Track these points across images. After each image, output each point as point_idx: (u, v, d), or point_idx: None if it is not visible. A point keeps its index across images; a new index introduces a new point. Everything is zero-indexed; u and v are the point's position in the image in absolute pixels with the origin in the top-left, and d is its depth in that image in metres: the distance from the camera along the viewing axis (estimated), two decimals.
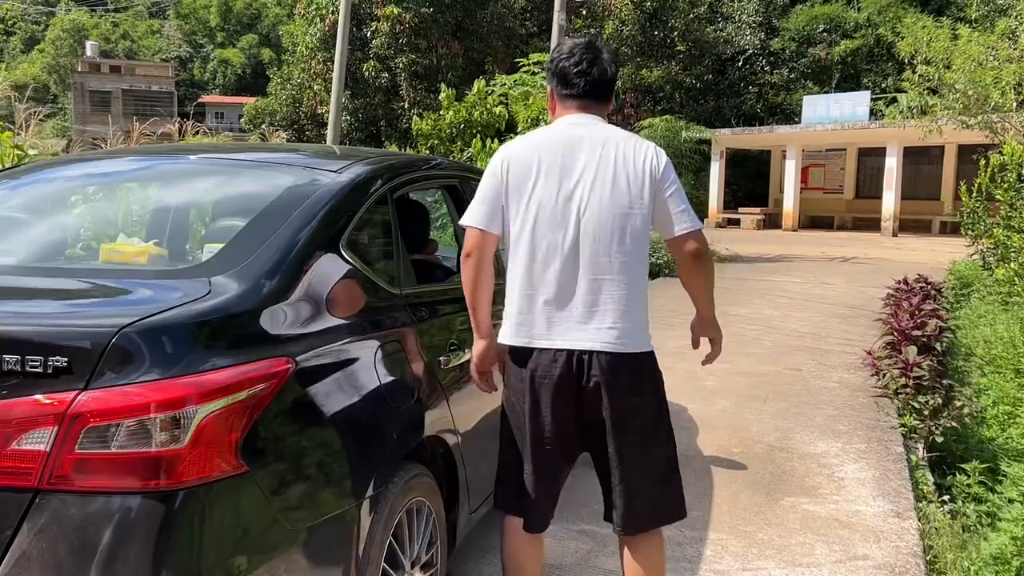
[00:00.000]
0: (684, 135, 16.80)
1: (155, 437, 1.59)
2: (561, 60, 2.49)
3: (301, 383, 1.90)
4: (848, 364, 7.02)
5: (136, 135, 9.81)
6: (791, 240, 21.65)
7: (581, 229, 2.34)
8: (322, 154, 2.99)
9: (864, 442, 4.95)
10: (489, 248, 2.38)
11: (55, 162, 2.93)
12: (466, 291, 2.41)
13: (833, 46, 28.74)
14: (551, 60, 2.54)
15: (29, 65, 69.66)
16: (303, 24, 28.49)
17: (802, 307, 10.36)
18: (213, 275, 1.93)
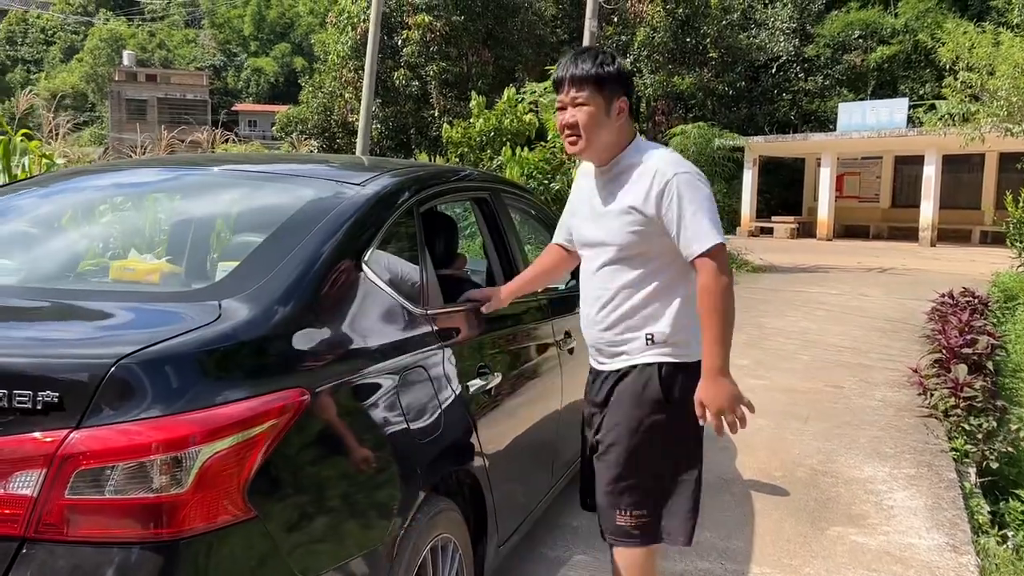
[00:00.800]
0: (716, 142, 16.52)
1: (155, 481, 1.44)
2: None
3: (318, 416, 1.74)
4: (891, 381, 6.75)
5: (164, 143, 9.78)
6: (826, 249, 21.25)
7: None
8: (348, 165, 2.85)
9: (913, 466, 4.70)
10: None
11: (69, 173, 2.81)
12: (725, 320, 2.22)
13: (869, 52, 28.26)
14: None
15: (68, 74, 70.94)
16: (335, 33, 28.60)
17: (840, 320, 10.06)
18: (224, 298, 1.78)
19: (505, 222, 3.19)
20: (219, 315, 1.71)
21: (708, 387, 2.23)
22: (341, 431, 1.82)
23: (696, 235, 2.23)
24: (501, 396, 2.63)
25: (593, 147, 2.36)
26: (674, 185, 2.25)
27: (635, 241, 2.33)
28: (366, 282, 2.08)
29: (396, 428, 1.99)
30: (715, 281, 2.22)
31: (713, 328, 2.22)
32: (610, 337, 2.41)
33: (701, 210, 2.25)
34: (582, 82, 2.31)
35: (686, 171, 2.30)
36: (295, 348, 1.77)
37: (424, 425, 2.11)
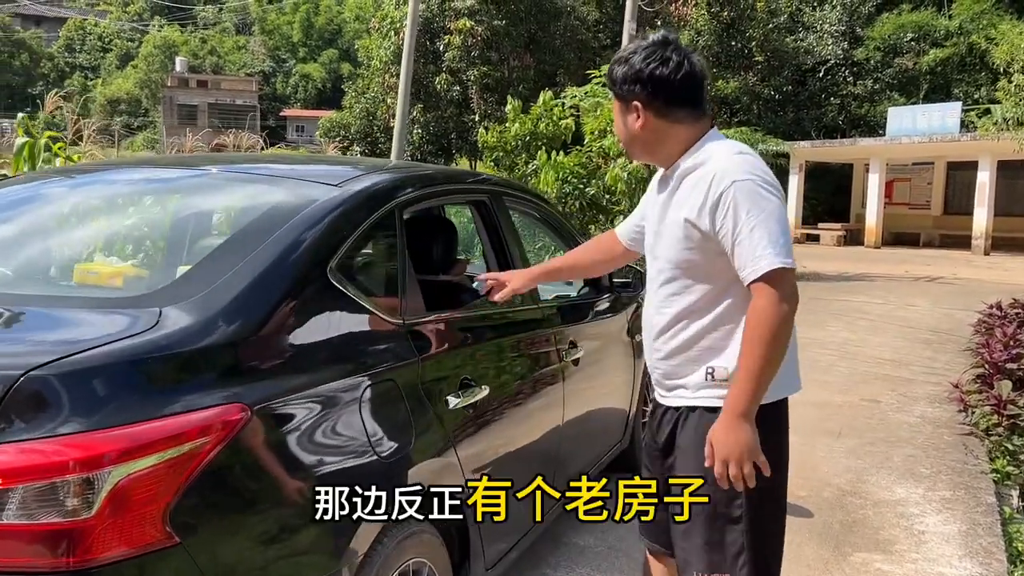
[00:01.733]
0: (760, 148, 16.20)
1: (60, 505, 1.33)
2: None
3: (259, 434, 1.62)
4: (932, 396, 6.44)
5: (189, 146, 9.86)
6: (873, 257, 20.69)
7: None
8: (332, 167, 2.74)
9: (949, 488, 4.44)
10: None
11: (45, 174, 2.74)
12: (769, 356, 1.87)
13: (921, 55, 27.50)
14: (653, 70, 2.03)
15: (123, 80, 72.73)
16: (378, 38, 28.76)
17: (882, 330, 9.71)
18: (167, 304, 1.67)
19: (505, 226, 3.05)
20: (156, 323, 1.60)
21: (724, 430, 1.91)
22: (287, 450, 1.69)
23: (752, 255, 1.88)
24: (488, 411, 2.49)
25: (639, 157, 2.20)
26: (731, 195, 1.91)
27: (692, 260, 2.02)
28: (330, 290, 1.96)
29: (354, 445, 1.86)
30: (772, 310, 1.86)
31: (753, 363, 1.88)
32: (667, 368, 2.13)
33: (761, 225, 1.88)
34: (610, 88, 2.14)
35: (748, 177, 1.93)
36: (236, 360, 1.65)
37: (390, 442, 1.97)
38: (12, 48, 71.46)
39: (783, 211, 1.95)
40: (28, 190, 2.59)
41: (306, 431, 1.74)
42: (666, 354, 2.12)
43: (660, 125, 2.06)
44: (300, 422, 1.73)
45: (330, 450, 1.80)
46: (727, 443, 1.91)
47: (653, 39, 2.06)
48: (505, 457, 2.59)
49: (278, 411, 1.68)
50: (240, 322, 1.70)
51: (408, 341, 2.18)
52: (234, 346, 1.66)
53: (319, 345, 1.88)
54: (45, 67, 73.96)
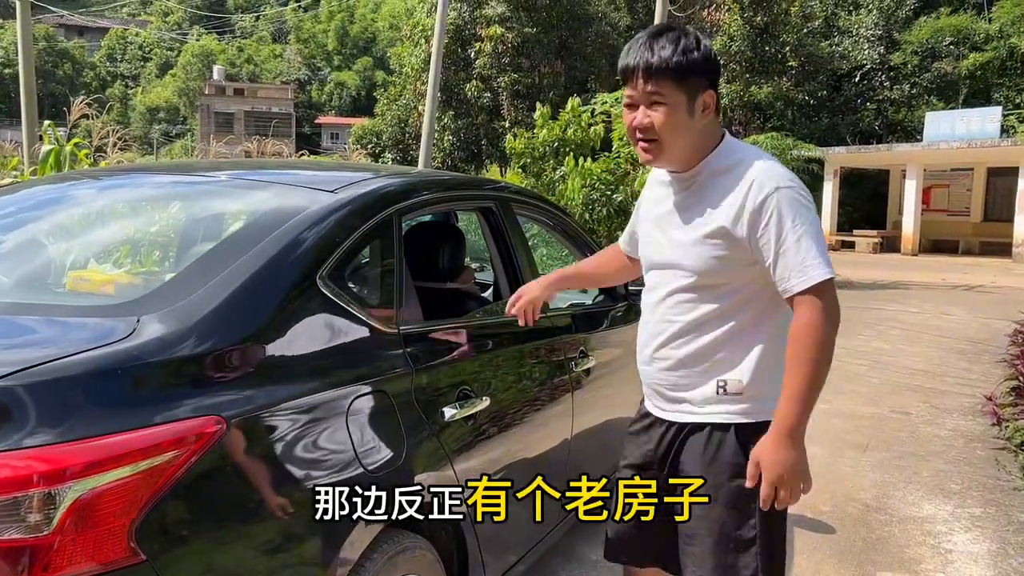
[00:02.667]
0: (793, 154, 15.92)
1: (22, 519, 1.29)
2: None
3: (235, 448, 1.57)
4: (965, 409, 6.25)
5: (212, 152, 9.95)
6: (910, 265, 20.29)
7: None
8: (333, 172, 2.70)
9: (979, 505, 4.28)
10: None
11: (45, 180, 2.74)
12: (818, 374, 1.78)
13: (960, 59, 26.99)
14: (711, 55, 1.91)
15: (162, 89, 74.08)
16: (409, 46, 28.92)
17: (916, 340, 9.49)
18: (146, 313, 1.64)
19: (513, 233, 2.98)
20: (132, 332, 1.56)
21: (774, 449, 1.79)
22: (266, 464, 1.64)
23: (801, 266, 1.78)
24: (488, 423, 2.42)
25: (672, 155, 1.92)
26: (774, 202, 1.80)
27: (719, 269, 1.90)
28: (319, 298, 1.91)
29: (340, 459, 1.80)
30: (821, 324, 1.77)
31: (802, 380, 1.78)
32: (671, 379, 2.01)
33: (808, 235, 1.79)
34: (660, 74, 1.83)
35: (790, 185, 1.83)
36: (214, 371, 1.61)
37: (379, 456, 1.92)
38: (56, 58, 73.10)
39: (820, 222, 1.88)
40: (27, 197, 2.59)
41: (287, 445, 1.70)
42: (673, 364, 2.00)
43: (714, 121, 1.93)
44: (281, 435, 1.68)
45: (313, 464, 1.74)
46: (778, 463, 1.80)
47: (671, 24, 1.94)
48: (507, 471, 2.51)
49: (257, 424, 1.63)
50: (220, 331, 1.65)
51: (402, 350, 2.12)
52: (212, 356, 1.62)
53: (305, 355, 1.83)
54: (87, 76, 75.56)
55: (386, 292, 2.19)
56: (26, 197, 2.57)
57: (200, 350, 1.60)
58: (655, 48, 1.85)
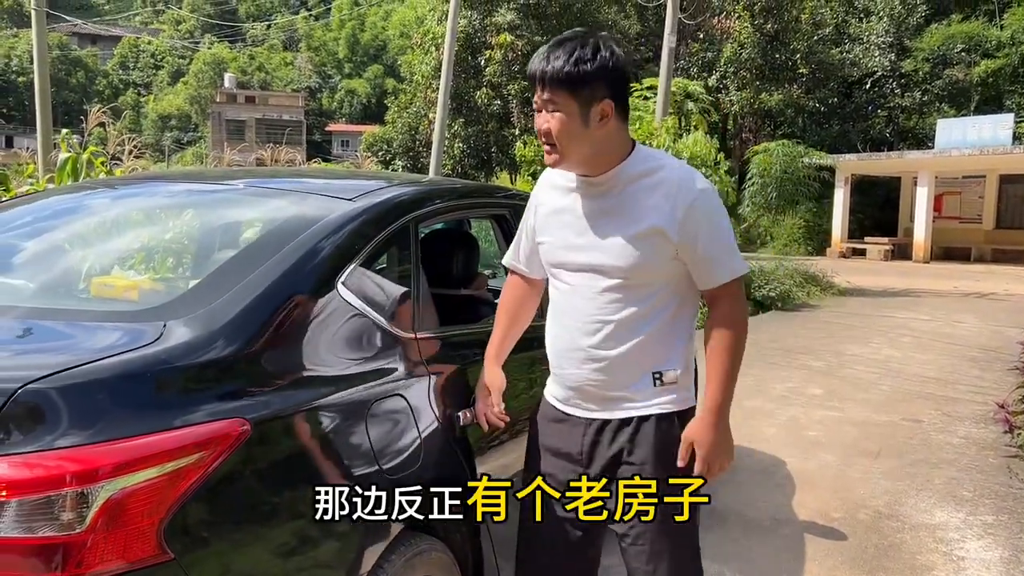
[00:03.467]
0: (804, 161, 15.91)
1: (56, 518, 1.33)
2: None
3: (259, 449, 1.61)
4: (977, 416, 6.24)
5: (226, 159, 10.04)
6: (921, 272, 20.21)
7: None
8: (351, 181, 2.74)
9: (992, 513, 4.28)
10: None
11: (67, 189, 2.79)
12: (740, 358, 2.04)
13: (972, 66, 26.91)
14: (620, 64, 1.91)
15: (174, 96, 74.65)
16: (420, 54, 29.09)
17: (928, 347, 9.46)
18: (172, 318, 1.68)
19: None
20: (159, 336, 1.60)
21: (708, 429, 1.95)
22: (289, 466, 1.68)
23: (722, 261, 1.95)
24: (503, 427, 2.45)
25: (572, 160, 1.94)
26: (701, 202, 1.91)
27: (650, 266, 1.94)
28: (339, 304, 1.95)
29: (360, 462, 1.84)
30: (741, 313, 2.01)
31: (730, 362, 1.97)
32: (605, 379, 2.02)
33: (727, 232, 1.98)
34: (553, 83, 1.86)
35: (708, 186, 1.96)
36: (238, 374, 1.65)
37: (398, 458, 1.95)
38: (69, 66, 73.75)
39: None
40: (48, 205, 2.64)
41: (309, 447, 1.74)
42: (608, 364, 2.00)
43: (620, 127, 1.94)
44: (303, 437, 1.72)
45: (334, 466, 1.78)
46: (711, 442, 1.96)
47: (580, 32, 1.93)
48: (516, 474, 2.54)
49: (280, 426, 1.67)
50: (244, 336, 1.69)
51: (419, 355, 2.16)
52: (237, 360, 1.66)
53: (326, 360, 1.87)
54: (100, 84, 76.21)
55: (403, 298, 2.23)
56: (47, 205, 2.63)
57: (225, 354, 1.64)
58: (551, 58, 1.88)
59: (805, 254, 23.69)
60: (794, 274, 14.25)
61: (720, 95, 27.55)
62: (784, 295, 12.79)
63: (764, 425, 5.87)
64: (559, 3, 26.89)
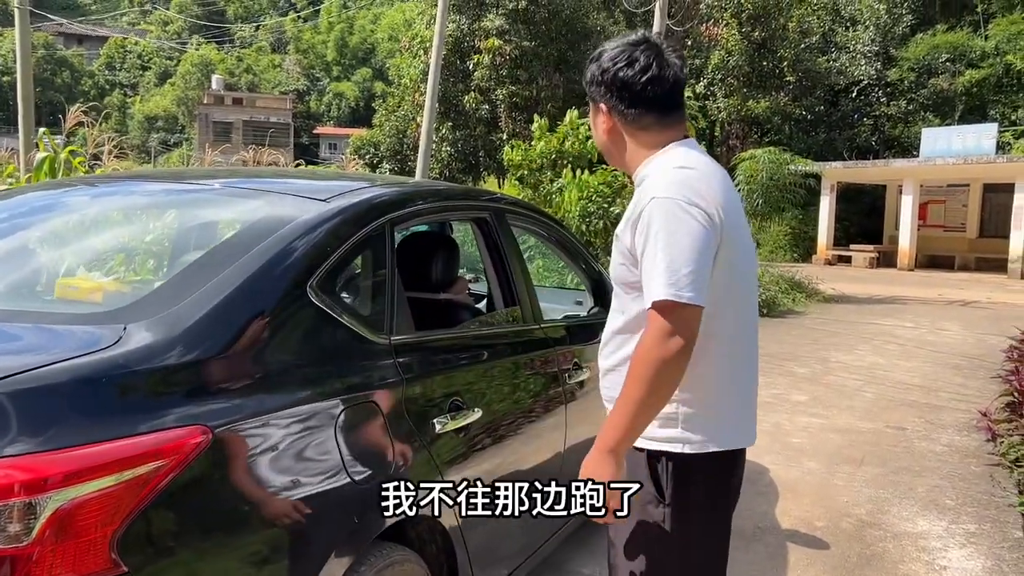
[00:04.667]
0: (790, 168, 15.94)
1: (2, 529, 1.27)
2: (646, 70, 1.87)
3: (221, 458, 1.55)
4: (961, 424, 6.24)
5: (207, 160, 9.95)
6: (906, 280, 20.30)
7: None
8: (326, 182, 2.68)
9: (974, 522, 4.26)
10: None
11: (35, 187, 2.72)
12: (655, 388, 1.68)
13: (957, 76, 27.10)
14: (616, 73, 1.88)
15: (161, 98, 74.16)
16: (408, 57, 29.02)
17: (912, 355, 9.48)
18: (133, 321, 1.62)
19: (507, 244, 2.97)
20: (117, 340, 1.55)
21: (591, 464, 1.76)
22: (252, 475, 1.62)
23: (649, 281, 1.71)
24: (480, 435, 2.40)
25: (613, 163, 2.03)
26: (647, 212, 1.75)
27: (625, 277, 1.87)
28: (309, 308, 1.89)
29: (327, 471, 1.78)
30: (649, 343, 1.68)
31: (627, 396, 1.71)
32: (604, 388, 2.00)
33: (665, 250, 1.69)
34: (591, 91, 1.98)
35: (669, 195, 1.74)
36: (201, 380, 1.59)
37: (367, 468, 1.90)
38: (54, 66, 73.18)
39: (702, 239, 1.71)
40: (19, 204, 2.57)
41: (274, 456, 1.68)
42: (603, 372, 1.99)
43: (627, 130, 1.92)
44: (268, 446, 1.66)
45: (299, 476, 1.72)
46: (598, 478, 1.73)
47: (629, 39, 1.93)
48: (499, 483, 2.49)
49: (243, 434, 1.61)
50: (207, 340, 1.64)
51: (393, 361, 2.11)
52: (199, 365, 1.60)
53: (294, 365, 1.81)
54: (86, 84, 75.65)
55: (377, 302, 2.18)
56: (18, 204, 2.56)
57: (187, 359, 1.59)
58: (588, 65, 1.98)
59: (791, 261, 23.78)
60: (780, 281, 14.27)
61: (708, 102, 27.62)
62: (770, 302, 12.80)
63: None
64: (548, 9, 26.87)
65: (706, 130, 25.92)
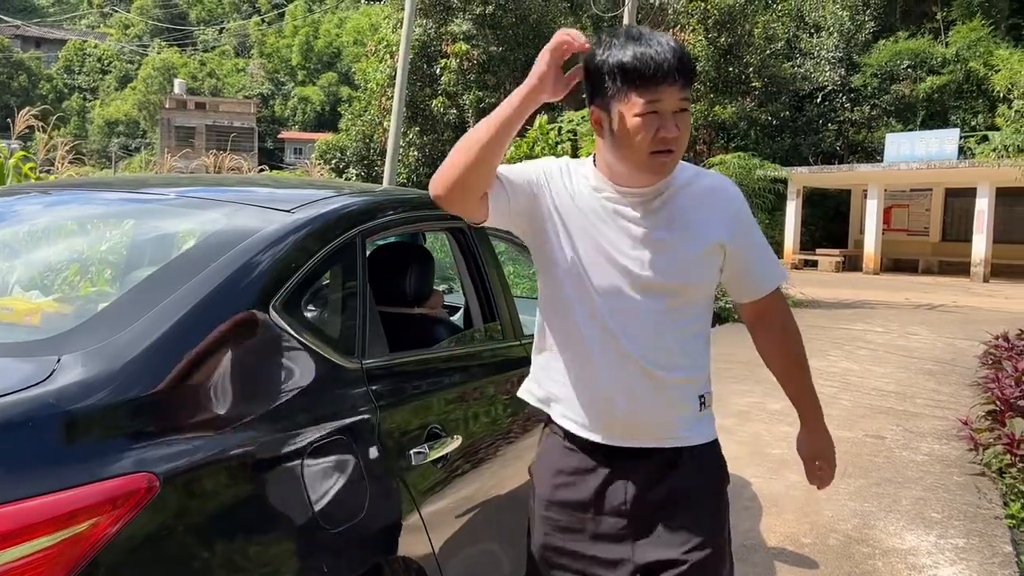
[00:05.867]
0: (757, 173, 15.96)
1: None
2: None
3: (171, 508, 1.36)
4: (939, 432, 6.17)
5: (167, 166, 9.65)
6: (872, 284, 20.47)
7: None
8: (291, 190, 2.47)
9: (963, 535, 4.16)
10: None
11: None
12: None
13: (918, 82, 27.47)
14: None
15: (122, 102, 72.84)
16: (374, 61, 28.74)
17: (884, 360, 9.46)
18: (69, 351, 1.42)
19: (484, 253, 2.79)
20: (49, 374, 1.34)
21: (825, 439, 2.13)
22: (207, 526, 1.42)
23: (771, 266, 1.91)
24: (461, 464, 2.22)
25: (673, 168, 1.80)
26: (745, 209, 1.86)
27: (701, 282, 1.82)
28: (271, 331, 1.70)
29: (294, 516, 1.59)
30: (792, 318, 1.98)
31: (808, 372, 2.04)
32: (659, 406, 1.80)
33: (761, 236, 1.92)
34: (688, 79, 1.65)
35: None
36: (146, 421, 1.39)
37: (339, 510, 1.70)
38: (11, 69, 71.60)
39: None
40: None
41: (233, 502, 1.48)
42: (667, 387, 1.80)
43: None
44: (225, 491, 1.47)
45: (263, 523, 1.53)
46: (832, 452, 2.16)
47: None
48: (482, 518, 2.31)
49: (197, 479, 1.41)
50: (155, 372, 1.44)
51: (365, 387, 1.92)
52: (145, 402, 1.40)
53: (254, 397, 1.62)
54: (44, 88, 74.08)
55: (347, 323, 1.98)
56: None
57: (131, 395, 1.39)
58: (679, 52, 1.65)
59: None
60: None
61: None
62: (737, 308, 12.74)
63: (727, 442, 5.66)
64: (515, 14, 26.78)
65: None
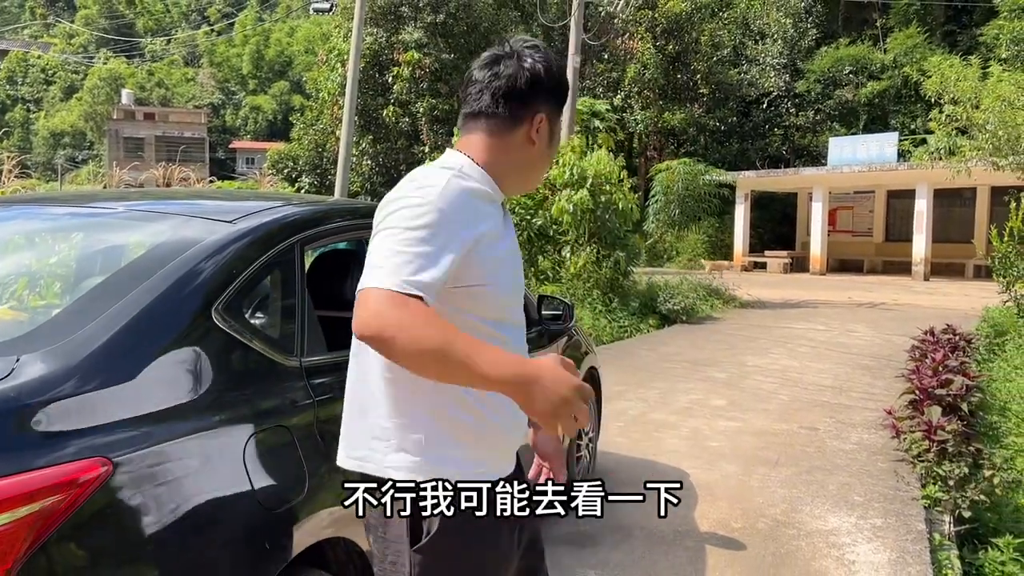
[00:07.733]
0: (706, 178, 16.41)
1: None
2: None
3: (123, 490, 1.52)
4: (869, 423, 6.50)
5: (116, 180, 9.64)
6: (818, 284, 21.05)
7: None
8: (234, 202, 2.63)
9: (881, 516, 4.44)
10: None
11: None
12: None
13: (859, 88, 28.36)
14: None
15: (67, 113, 71.46)
16: (326, 70, 28.74)
17: (824, 357, 9.83)
18: (27, 351, 1.57)
19: None
20: (10, 372, 1.50)
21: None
22: (156, 506, 1.58)
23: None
24: None
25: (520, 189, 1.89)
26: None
27: None
28: (214, 333, 1.86)
29: (235, 500, 1.75)
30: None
31: None
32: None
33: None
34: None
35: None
36: (99, 411, 1.55)
37: (278, 494, 1.87)
38: None
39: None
40: None
41: (179, 485, 1.64)
42: None
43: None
44: (172, 476, 1.63)
45: (207, 505, 1.69)
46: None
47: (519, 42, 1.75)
48: None
49: (146, 464, 1.58)
50: (107, 369, 1.60)
51: (304, 383, 2.09)
52: (98, 395, 1.56)
53: (198, 391, 1.78)
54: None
55: (287, 324, 2.15)
56: None
57: (85, 389, 1.55)
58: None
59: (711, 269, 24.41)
60: (698, 288, 14.62)
61: (625, 114, 28.19)
62: (689, 308, 13.09)
63: (668, 437, 5.96)
64: (466, 23, 27.04)
65: (624, 142, 26.40)
